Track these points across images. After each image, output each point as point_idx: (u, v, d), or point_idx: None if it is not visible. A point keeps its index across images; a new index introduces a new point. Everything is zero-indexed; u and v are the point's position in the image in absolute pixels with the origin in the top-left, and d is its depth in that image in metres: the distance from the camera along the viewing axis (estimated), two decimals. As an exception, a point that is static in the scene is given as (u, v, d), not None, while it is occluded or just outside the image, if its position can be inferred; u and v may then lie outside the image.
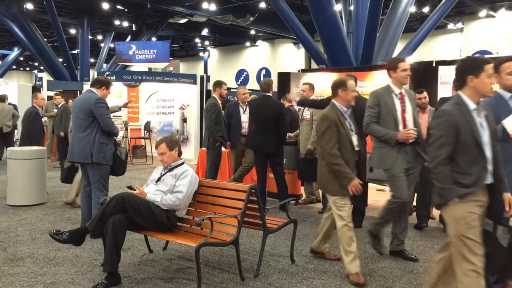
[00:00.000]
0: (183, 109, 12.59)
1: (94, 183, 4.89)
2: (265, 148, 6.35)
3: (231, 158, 7.25)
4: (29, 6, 17.86)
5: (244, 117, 6.98)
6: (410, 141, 4.19)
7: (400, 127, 4.19)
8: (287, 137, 6.80)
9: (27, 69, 38.49)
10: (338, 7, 12.56)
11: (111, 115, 5.08)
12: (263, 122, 6.33)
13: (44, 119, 13.12)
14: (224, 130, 6.84)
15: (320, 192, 6.78)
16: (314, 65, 17.30)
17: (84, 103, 4.89)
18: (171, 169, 4.10)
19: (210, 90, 7.30)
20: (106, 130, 4.86)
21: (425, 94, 6.05)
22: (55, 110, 10.85)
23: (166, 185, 4.01)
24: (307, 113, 6.77)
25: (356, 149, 3.96)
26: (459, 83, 2.88)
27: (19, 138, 8.22)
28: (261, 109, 6.37)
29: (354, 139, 3.97)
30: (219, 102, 6.88)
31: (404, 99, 4.28)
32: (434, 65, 7.95)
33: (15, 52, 28.47)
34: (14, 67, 33.34)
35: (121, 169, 5.15)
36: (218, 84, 6.97)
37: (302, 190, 7.44)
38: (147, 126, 12.81)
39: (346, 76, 4.01)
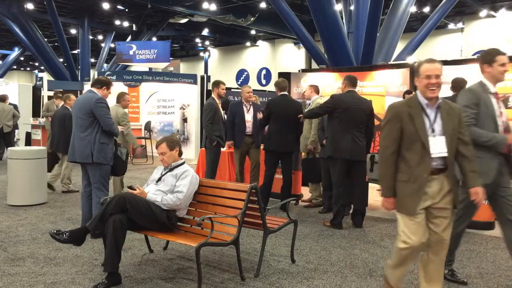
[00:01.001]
0: (184, 109, 12.59)
1: (94, 183, 4.89)
2: (287, 147, 6.32)
3: (234, 158, 7.22)
4: (30, 6, 17.86)
5: (248, 116, 6.95)
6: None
7: (500, 131, 3.57)
8: None
9: (28, 69, 38.50)
10: (338, 7, 12.55)
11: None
12: (285, 121, 6.28)
13: (44, 119, 13.17)
14: (222, 130, 6.81)
15: (321, 191, 6.78)
16: (314, 65, 17.29)
17: (85, 103, 4.90)
18: (171, 169, 4.10)
19: (211, 90, 7.29)
20: (106, 130, 4.86)
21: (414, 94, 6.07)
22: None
23: (166, 185, 4.01)
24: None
25: (434, 155, 2.97)
26: None
27: (50, 141, 8.03)
28: (283, 108, 6.30)
29: (434, 141, 2.98)
30: (218, 102, 6.87)
31: (498, 99, 3.71)
32: (434, 65, 7.94)
33: (15, 52, 28.47)
34: (15, 67, 33.35)
35: (122, 169, 5.16)
36: (216, 84, 6.98)
37: (302, 190, 7.44)
38: (148, 126, 12.82)
39: (427, 59, 3.12)
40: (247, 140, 6.92)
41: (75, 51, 22.01)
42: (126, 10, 19.69)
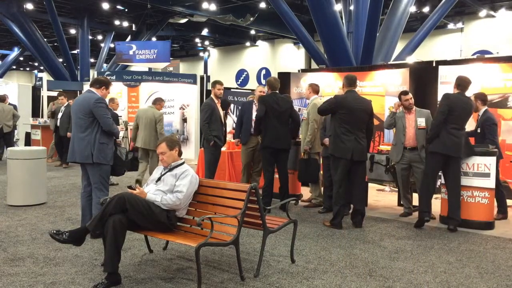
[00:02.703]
0: (183, 109, 12.58)
1: (94, 183, 4.88)
2: (283, 144, 6.41)
3: (241, 156, 7.24)
4: (29, 6, 17.85)
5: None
6: None
7: None
8: None
9: (27, 69, 38.45)
10: (338, 7, 12.54)
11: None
12: (279, 119, 6.38)
13: (43, 119, 13.17)
14: (220, 129, 6.82)
15: (322, 191, 6.78)
16: (314, 65, 17.29)
17: (84, 103, 4.88)
18: (171, 169, 4.10)
19: (210, 90, 7.32)
20: (106, 130, 4.85)
21: (410, 95, 6.12)
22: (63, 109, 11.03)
23: (166, 185, 4.01)
24: (305, 112, 6.80)
25: None
26: None
27: None
28: (276, 106, 6.39)
29: None
30: (217, 101, 6.88)
31: None
32: (434, 65, 7.96)
33: (15, 52, 28.44)
34: (14, 67, 33.30)
35: (122, 169, 5.15)
36: (212, 84, 7.02)
37: (301, 190, 7.44)
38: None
39: None
40: (254, 139, 6.94)
41: (75, 51, 21.99)
42: (126, 10, 19.68)
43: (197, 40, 26.11)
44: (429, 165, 5.65)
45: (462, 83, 5.64)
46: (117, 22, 21.06)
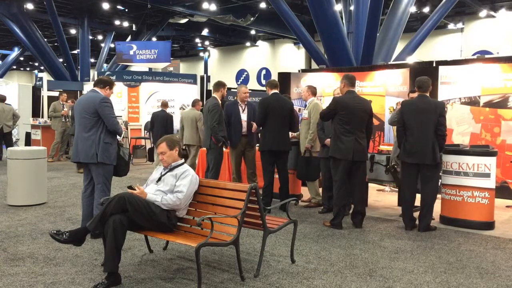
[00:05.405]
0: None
1: (98, 183, 4.88)
2: (282, 146, 6.40)
3: (231, 159, 7.24)
4: (29, 6, 17.85)
5: (244, 116, 6.97)
6: None
7: None
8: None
9: (28, 69, 38.47)
10: (338, 7, 12.55)
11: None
12: (280, 120, 6.37)
13: (44, 119, 13.17)
14: (225, 130, 6.84)
15: (321, 191, 6.78)
16: (314, 65, 17.29)
17: (89, 103, 4.87)
18: (171, 169, 4.10)
19: (210, 90, 7.30)
20: (111, 129, 4.85)
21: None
22: (66, 109, 11.07)
23: (166, 185, 4.01)
24: (305, 112, 6.79)
25: None
26: None
27: (151, 138, 9.64)
28: (277, 107, 6.37)
29: None
30: (220, 102, 6.89)
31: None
32: (434, 65, 7.96)
33: (15, 52, 28.45)
34: (15, 67, 33.32)
35: (125, 169, 5.14)
36: (223, 85, 7.00)
37: (301, 190, 7.44)
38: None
39: None
40: (243, 140, 6.94)
41: (75, 51, 22.00)
42: (126, 10, 19.69)
43: (197, 40, 26.12)
44: (402, 175, 5.71)
45: (424, 85, 5.55)
46: (117, 22, 21.06)
